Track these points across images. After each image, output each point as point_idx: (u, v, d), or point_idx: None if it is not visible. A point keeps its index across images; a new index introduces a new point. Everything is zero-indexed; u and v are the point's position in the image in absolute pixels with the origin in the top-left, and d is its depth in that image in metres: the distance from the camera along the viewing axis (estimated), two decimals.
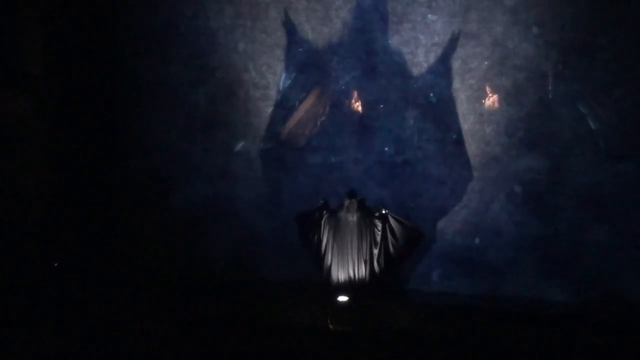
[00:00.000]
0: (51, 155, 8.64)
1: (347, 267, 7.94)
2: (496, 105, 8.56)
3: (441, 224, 8.67)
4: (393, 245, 7.96)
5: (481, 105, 8.60)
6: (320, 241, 8.03)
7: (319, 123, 8.96)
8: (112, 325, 7.22)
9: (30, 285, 8.11)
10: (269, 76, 9.02)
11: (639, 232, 8.21)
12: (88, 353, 6.60)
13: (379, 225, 7.93)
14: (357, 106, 8.88)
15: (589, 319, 7.70)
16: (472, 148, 8.62)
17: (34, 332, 7.00)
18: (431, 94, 8.70)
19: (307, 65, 8.93)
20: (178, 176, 9.17)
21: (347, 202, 8.00)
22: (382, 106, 8.83)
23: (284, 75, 9.00)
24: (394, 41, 8.73)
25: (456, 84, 8.62)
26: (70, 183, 8.77)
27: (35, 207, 8.45)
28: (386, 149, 8.83)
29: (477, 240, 8.63)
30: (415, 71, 8.71)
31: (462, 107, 8.63)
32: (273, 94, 9.02)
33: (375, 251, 7.95)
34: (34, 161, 8.48)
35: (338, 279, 7.95)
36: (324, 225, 8.03)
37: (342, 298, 7.89)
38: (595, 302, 8.21)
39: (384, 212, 7.98)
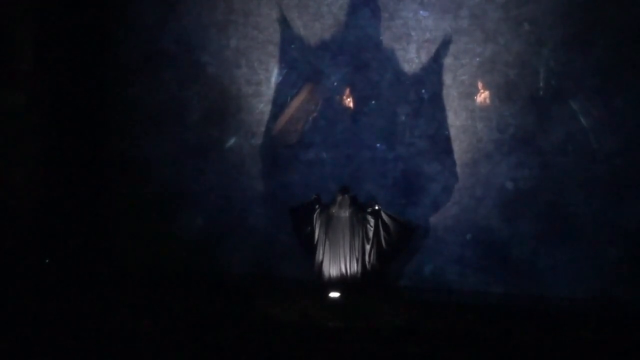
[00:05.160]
0: (42, 151, 8.63)
1: (339, 263, 7.95)
2: (488, 101, 8.58)
3: (433, 220, 8.67)
4: (385, 241, 7.97)
5: (473, 101, 8.61)
6: (312, 236, 8.04)
7: (311, 119, 8.96)
8: (104, 322, 7.20)
9: (22, 281, 8.09)
10: (261, 72, 9.02)
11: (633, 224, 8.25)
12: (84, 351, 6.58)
13: (372, 221, 7.95)
14: (349, 102, 8.88)
15: (589, 315, 7.70)
16: (463, 144, 8.64)
17: (27, 329, 6.97)
18: (423, 91, 8.71)
19: (299, 61, 8.93)
20: (171, 171, 9.16)
21: (339, 198, 8.01)
22: (373, 102, 8.83)
23: (276, 71, 9.00)
24: (385, 37, 8.74)
25: (448, 80, 8.64)
26: (61, 178, 8.75)
27: (26, 203, 8.43)
28: (378, 145, 8.83)
29: (468, 236, 8.64)
30: (407, 67, 8.72)
31: (454, 103, 8.64)
32: (265, 90, 9.02)
33: (368, 247, 7.96)
34: (26, 157, 8.47)
35: (330, 275, 7.95)
36: (316, 220, 8.04)
37: (334, 294, 7.89)
38: (596, 299, 8.23)
39: (376, 208, 7.99)
